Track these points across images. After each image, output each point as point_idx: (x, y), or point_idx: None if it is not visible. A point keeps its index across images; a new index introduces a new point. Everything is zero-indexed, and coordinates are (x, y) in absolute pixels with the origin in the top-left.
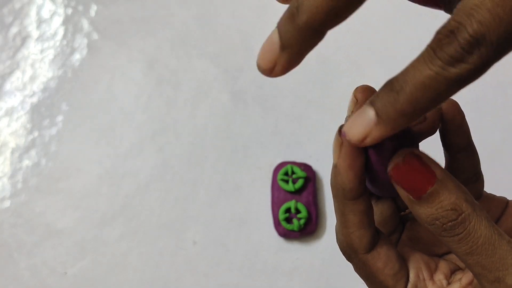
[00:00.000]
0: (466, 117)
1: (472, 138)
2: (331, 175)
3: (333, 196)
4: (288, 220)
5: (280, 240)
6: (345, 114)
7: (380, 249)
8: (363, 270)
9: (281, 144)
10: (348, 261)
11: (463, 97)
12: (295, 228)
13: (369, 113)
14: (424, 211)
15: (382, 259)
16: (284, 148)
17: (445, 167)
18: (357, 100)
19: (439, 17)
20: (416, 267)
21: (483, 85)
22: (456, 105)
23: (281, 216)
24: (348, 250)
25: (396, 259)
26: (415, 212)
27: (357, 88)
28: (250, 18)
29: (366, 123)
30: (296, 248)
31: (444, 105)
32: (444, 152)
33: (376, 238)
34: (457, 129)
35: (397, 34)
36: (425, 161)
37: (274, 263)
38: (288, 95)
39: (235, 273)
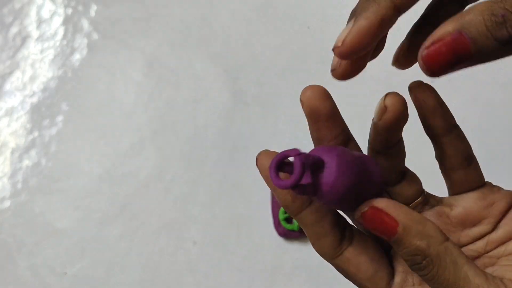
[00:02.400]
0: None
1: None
2: None
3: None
4: (288, 220)
5: (280, 240)
6: (344, 114)
7: (349, 254)
8: (341, 273)
9: (281, 144)
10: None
11: (464, 97)
12: (295, 228)
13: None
14: (397, 250)
15: (353, 263)
16: (284, 148)
17: (435, 155)
18: (386, 107)
19: None
20: (404, 271)
21: (484, 85)
22: (426, 88)
23: (281, 216)
24: (322, 257)
25: (370, 263)
26: (393, 247)
27: (388, 95)
28: (250, 18)
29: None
30: (296, 248)
31: (414, 90)
32: (431, 140)
33: (343, 243)
34: (433, 112)
35: (397, 34)
36: (387, 211)
37: (274, 263)
38: (288, 95)
39: (235, 273)
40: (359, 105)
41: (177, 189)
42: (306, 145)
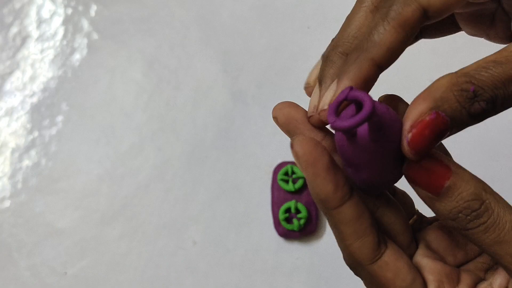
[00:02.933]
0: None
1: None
2: (310, 191)
3: (323, 213)
4: (288, 220)
5: (280, 240)
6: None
7: (388, 258)
8: (373, 284)
9: (281, 144)
10: (357, 275)
11: None
12: (295, 228)
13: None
14: (445, 206)
15: (392, 269)
16: (284, 148)
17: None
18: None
19: None
20: (437, 280)
21: None
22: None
23: (281, 216)
24: (353, 264)
25: (408, 269)
26: (436, 210)
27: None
28: (250, 18)
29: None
30: (296, 248)
31: None
32: None
33: (381, 245)
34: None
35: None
36: (438, 156)
37: (274, 263)
38: (288, 95)
39: (235, 273)
40: None
41: (177, 189)
42: None
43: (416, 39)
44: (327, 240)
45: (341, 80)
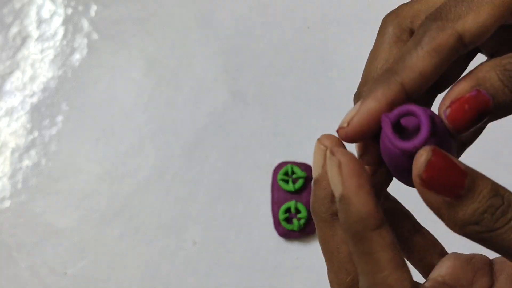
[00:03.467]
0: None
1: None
2: (341, 213)
3: (351, 239)
4: (288, 220)
5: (280, 240)
6: (345, 114)
7: None
8: None
9: (281, 144)
10: None
11: None
12: (295, 228)
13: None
14: (468, 210)
15: None
16: (284, 148)
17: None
18: (326, 147)
19: None
20: None
21: None
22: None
23: (281, 216)
24: None
25: None
26: (455, 217)
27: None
28: (250, 18)
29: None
30: (296, 248)
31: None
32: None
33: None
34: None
35: None
36: (448, 155)
37: (274, 263)
38: (288, 95)
39: (235, 273)
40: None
41: (177, 189)
42: (306, 145)
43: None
44: None
45: (366, 99)
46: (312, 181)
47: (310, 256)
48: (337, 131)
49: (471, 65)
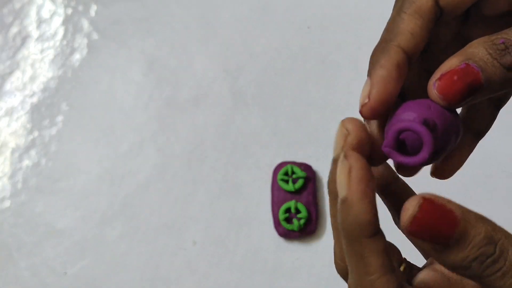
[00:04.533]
0: None
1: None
2: (340, 214)
3: (345, 239)
4: (288, 220)
5: (280, 240)
6: (345, 114)
7: None
8: None
9: (281, 144)
10: None
11: None
12: (295, 228)
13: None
14: (457, 257)
15: None
16: (284, 148)
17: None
18: (348, 131)
19: None
20: None
21: None
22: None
23: (281, 216)
24: None
25: None
26: (444, 261)
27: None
28: (250, 18)
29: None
30: (296, 248)
31: None
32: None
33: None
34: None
35: None
36: (440, 202)
37: (274, 263)
38: (288, 95)
39: (235, 273)
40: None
41: (177, 189)
42: (306, 145)
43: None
44: (327, 240)
45: (374, 70)
46: (340, 200)
47: (310, 256)
48: (361, 110)
49: None
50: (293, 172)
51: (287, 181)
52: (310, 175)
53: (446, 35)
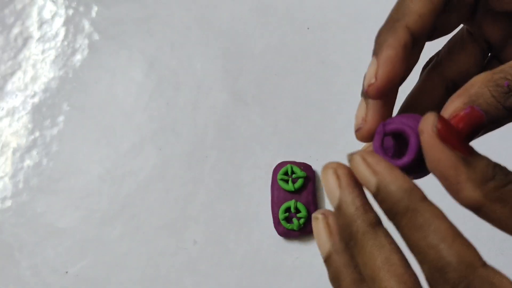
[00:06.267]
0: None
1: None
2: (384, 202)
3: (403, 218)
4: (288, 219)
5: (280, 239)
6: (345, 114)
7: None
8: None
9: (281, 144)
10: None
11: None
12: (295, 228)
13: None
14: (482, 166)
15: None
16: (284, 148)
17: None
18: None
19: None
20: None
21: None
22: None
23: (281, 215)
24: (463, 266)
25: None
26: (475, 176)
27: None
28: (250, 18)
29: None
30: (296, 248)
31: None
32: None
33: None
34: None
35: None
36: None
37: (274, 263)
38: (288, 95)
39: (235, 273)
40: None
41: (177, 189)
42: (306, 145)
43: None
44: None
45: (382, 50)
46: (336, 208)
47: (310, 256)
48: (367, 90)
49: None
50: (293, 172)
51: (287, 181)
52: (310, 175)
53: (454, 22)
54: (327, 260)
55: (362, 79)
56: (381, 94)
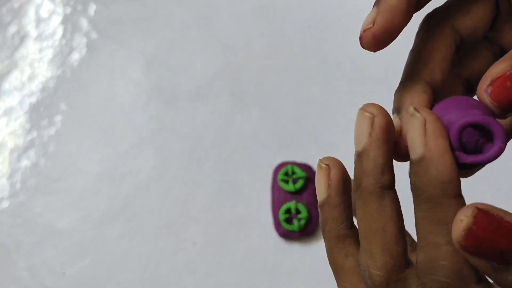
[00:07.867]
0: None
1: None
2: (417, 177)
3: (424, 204)
4: (288, 220)
5: (280, 240)
6: (345, 114)
7: None
8: None
9: (281, 144)
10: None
11: None
12: (295, 229)
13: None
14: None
15: None
16: (284, 148)
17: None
18: (373, 115)
19: None
20: None
21: None
22: None
23: (281, 216)
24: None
25: None
26: (505, 282)
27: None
28: (250, 18)
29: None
30: (296, 249)
31: None
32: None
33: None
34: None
35: None
36: (497, 213)
37: (274, 264)
38: (288, 95)
39: (235, 273)
40: (359, 105)
41: (177, 189)
42: (306, 145)
43: None
44: None
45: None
46: (356, 153)
47: (311, 257)
48: (362, 35)
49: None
50: (293, 172)
51: (287, 182)
52: (310, 175)
53: None
54: (320, 208)
55: (363, 78)
56: (375, 42)
